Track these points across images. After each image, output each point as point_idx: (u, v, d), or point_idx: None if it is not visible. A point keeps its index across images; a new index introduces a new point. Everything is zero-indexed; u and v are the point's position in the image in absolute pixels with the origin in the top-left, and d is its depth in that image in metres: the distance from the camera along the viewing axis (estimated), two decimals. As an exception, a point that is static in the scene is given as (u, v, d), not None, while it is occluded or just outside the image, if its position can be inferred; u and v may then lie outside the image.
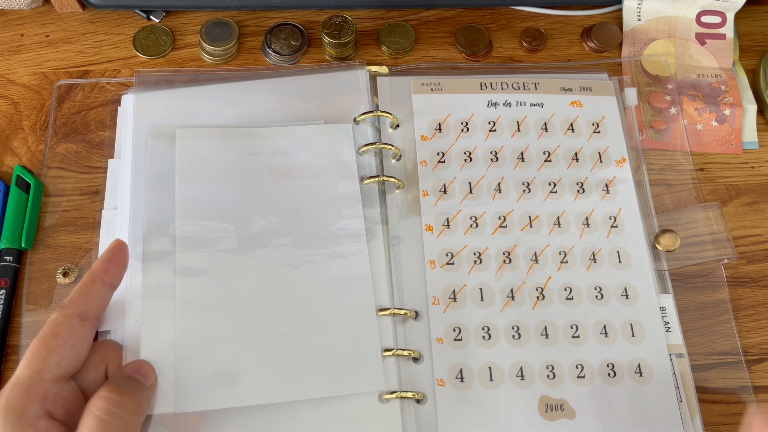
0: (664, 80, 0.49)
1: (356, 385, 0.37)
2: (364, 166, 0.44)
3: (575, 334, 0.40)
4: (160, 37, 0.50)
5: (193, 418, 0.36)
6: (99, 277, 0.35)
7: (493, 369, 0.39)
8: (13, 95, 0.47)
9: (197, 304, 0.38)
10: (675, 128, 0.48)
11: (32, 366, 0.32)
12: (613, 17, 0.53)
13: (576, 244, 0.42)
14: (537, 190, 0.44)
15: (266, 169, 0.42)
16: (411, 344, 0.39)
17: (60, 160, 0.45)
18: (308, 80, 0.46)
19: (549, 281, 0.41)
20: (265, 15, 0.52)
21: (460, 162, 0.45)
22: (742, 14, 0.52)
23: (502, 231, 0.43)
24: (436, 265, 0.41)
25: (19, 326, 0.40)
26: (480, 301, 0.41)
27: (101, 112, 0.46)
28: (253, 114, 0.45)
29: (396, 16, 0.52)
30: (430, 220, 0.43)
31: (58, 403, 0.32)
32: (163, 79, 0.46)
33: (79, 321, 0.34)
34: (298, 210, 0.41)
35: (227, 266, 0.39)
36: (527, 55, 0.51)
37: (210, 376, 0.36)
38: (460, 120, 0.46)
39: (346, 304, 0.39)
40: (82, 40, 0.50)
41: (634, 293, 0.41)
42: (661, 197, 0.45)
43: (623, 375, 0.39)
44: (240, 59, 0.50)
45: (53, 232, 0.43)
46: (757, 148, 0.48)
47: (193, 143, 0.42)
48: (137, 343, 0.36)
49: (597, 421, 0.38)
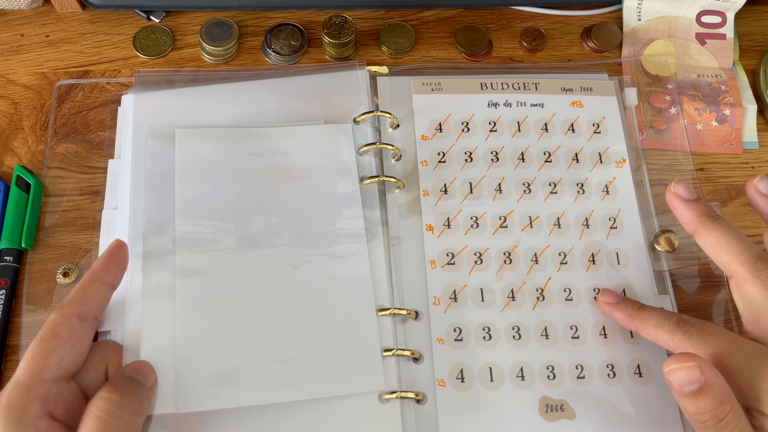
0: (664, 80, 0.49)
1: (356, 385, 0.37)
2: (364, 166, 0.44)
3: (575, 335, 0.40)
4: (160, 37, 0.50)
5: (193, 419, 0.36)
6: (99, 277, 0.35)
7: (494, 369, 0.39)
8: (13, 95, 0.47)
9: (197, 304, 0.38)
10: (675, 128, 0.48)
11: (32, 366, 0.32)
12: (613, 17, 0.53)
13: (576, 245, 0.42)
14: (537, 191, 0.44)
15: (266, 169, 0.42)
16: (411, 344, 0.39)
17: (60, 160, 0.45)
18: (308, 80, 0.46)
19: (549, 282, 0.41)
20: (265, 15, 0.52)
21: (461, 162, 0.45)
22: (742, 14, 0.52)
23: (503, 231, 0.43)
24: (436, 265, 0.41)
25: (19, 326, 0.40)
26: (480, 301, 0.41)
27: (101, 112, 0.46)
28: (253, 114, 0.45)
29: (396, 16, 0.52)
30: (431, 220, 0.43)
31: (59, 404, 0.32)
32: (163, 79, 0.46)
33: (78, 321, 0.34)
34: (298, 210, 0.41)
35: (227, 266, 0.39)
36: (527, 55, 0.51)
37: (210, 377, 0.36)
38: (461, 120, 0.46)
39: (347, 304, 0.39)
40: (82, 40, 0.50)
41: (633, 294, 0.41)
42: (661, 197, 0.45)
43: (623, 375, 0.39)
44: (240, 59, 0.50)
45: (53, 232, 0.43)
46: (757, 148, 0.48)
47: (192, 143, 0.42)
48: (137, 344, 0.36)
49: (597, 421, 0.38)
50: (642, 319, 0.37)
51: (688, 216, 0.36)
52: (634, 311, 0.37)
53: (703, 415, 0.30)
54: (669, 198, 0.37)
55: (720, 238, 0.35)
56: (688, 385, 0.30)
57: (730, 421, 0.30)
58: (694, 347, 0.33)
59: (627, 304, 0.38)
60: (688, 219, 0.36)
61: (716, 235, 0.35)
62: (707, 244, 0.36)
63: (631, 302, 0.39)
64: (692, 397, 0.30)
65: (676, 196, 0.37)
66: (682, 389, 0.30)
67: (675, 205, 0.37)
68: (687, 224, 0.37)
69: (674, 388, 0.30)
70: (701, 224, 0.36)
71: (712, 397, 0.30)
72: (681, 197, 0.37)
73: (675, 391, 0.30)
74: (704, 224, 0.36)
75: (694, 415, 0.30)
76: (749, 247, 0.34)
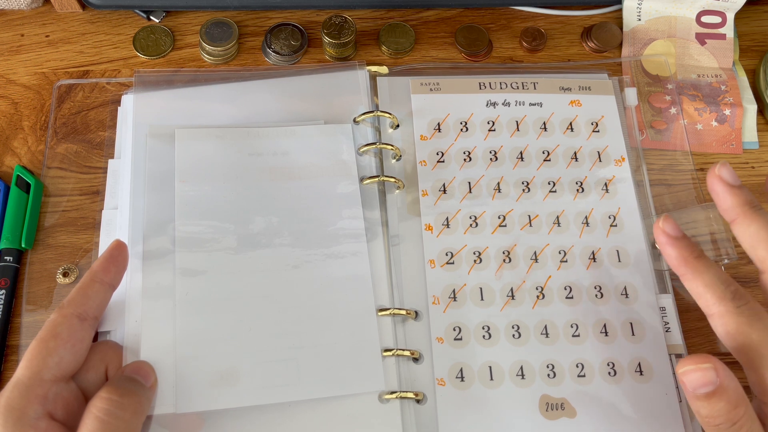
0: (664, 80, 0.49)
1: (356, 385, 0.37)
2: (364, 166, 0.44)
3: (575, 333, 0.40)
4: (160, 37, 0.50)
5: (193, 419, 0.36)
6: (98, 277, 0.35)
7: (494, 368, 0.39)
8: (13, 95, 0.47)
9: (197, 304, 0.38)
10: (675, 128, 0.48)
11: (32, 367, 0.32)
12: (613, 17, 0.53)
13: (575, 244, 0.42)
14: (536, 190, 0.44)
15: (266, 169, 0.42)
16: (411, 344, 0.39)
17: (60, 160, 0.45)
18: (308, 80, 0.46)
19: (549, 280, 0.41)
20: (265, 15, 0.52)
21: (460, 162, 0.45)
22: (742, 14, 0.52)
23: (502, 230, 0.43)
24: (436, 265, 0.41)
25: (19, 326, 0.40)
26: (480, 300, 0.41)
27: (101, 112, 0.46)
28: (253, 114, 0.45)
29: (396, 16, 0.52)
30: (430, 220, 0.43)
31: (59, 404, 0.32)
32: (163, 79, 0.46)
33: (78, 321, 0.34)
34: (298, 210, 0.41)
35: (227, 266, 0.39)
36: (527, 55, 0.51)
37: (210, 377, 0.36)
38: (460, 120, 0.46)
39: (346, 304, 0.39)
40: (82, 40, 0.50)
41: (634, 292, 0.41)
42: (661, 197, 0.45)
43: (623, 374, 0.39)
44: (240, 59, 0.50)
45: (53, 232, 0.43)
46: (757, 148, 0.48)
47: (192, 143, 0.42)
48: (137, 344, 0.36)
49: (597, 420, 0.38)
50: (696, 269, 0.33)
51: (730, 202, 0.33)
52: (692, 257, 0.33)
53: (716, 419, 0.29)
54: (711, 181, 0.34)
55: (760, 231, 0.32)
56: (703, 387, 0.29)
57: (743, 424, 0.29)
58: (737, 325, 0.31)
59: (687, 246, 0.34)
60: (729, 206, 0.33)
61: (757, 226, 0.32)
62: (746, 235, 0.33)
63: (692, 245, 0.34)
64: (706, 400, 0.29)
65: (719, 179, 0.34)
66: (696, 391, 0.29)
67: (717, 190, 0.34)
68: (727, 211, 0.34)
69: (687, 390, 0.29)
70: (743, 213, 0.33)
71: (726, 400, 0.29)
72: (725, 181, 0.34)
73: (688, 393, 0.29)
74: (746, 213, 0.33)
75: (707, 418, 0.29)
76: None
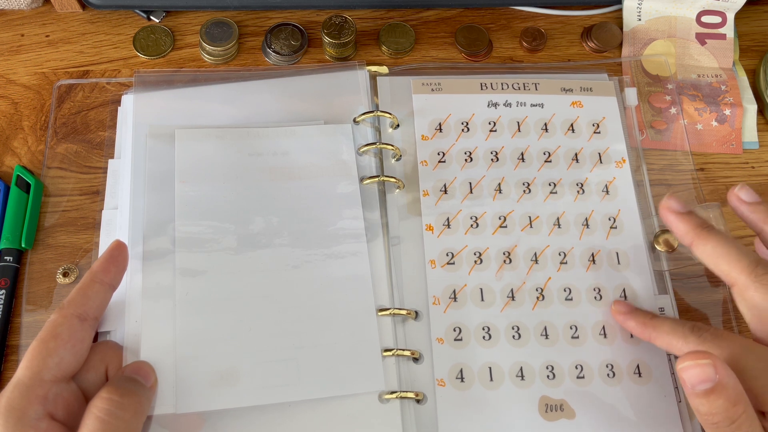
0: (664, 80, 0.49)
1: (356, 385, 0.37)
2: (364, 166, 0.44)
3: (575, 335, 0.40)
4: (160, 37, 0.50)
5: (193, 419, 0.36)
6: (98, 277, 0.35)
7: (494, 369, 0.39)
8: (13, 95, 0.47)
9: (197, 305, 0.38)
10: (675, 128, 0.48)
11: (32, 367, 0.32)
12: (613, 17, 0.53)
13: (576, 245, 0.42)
14: (537, 191, 0.44)
15: (266, 169, 0.42)
16: (411, 344, 0.39)
17: (60, 160, 0.45)
18: (308, 80, 0.46)
19: (549, 282, 0.41)
20: (265, 15, 0.52)
21: (461, 162, 0.45)
22: (742, 14, 0.52)
23: (503, 231, 0.43)
24: (436, 265, 0.41)
25: (19, 326, 0.40)
26: (480, 301, 0.41)
27: (101, 112, 0.46)
28: (253, 114, 0.45)
29: (396, 16, 0.52)
30: (431, 220, 0.43)
31: (59, 404, 0.32)
32: (163, 79, 0.46)
33: (78, 322, 0.34)
34: (298, 210, 0.41)
35: (227, 266, 0.39)
36: (527, 55, 0.51)
37: (210, 377, 0.36)
38: (461, 120, 0.46)
39: (346, 304, 0.39)
40: (82, 40, 0.50)
41: (633, 294, 0.41)
42: (661, 197, 0.45)
43: (622, 375, 0.39)
44: (240, 59, 0.50)
45: (53, 232, 0.43)
46: (758, 148, 0.48)
47: (192, 143, 0.42)
48: (137, 344, 0.36)
49: (597, 421, 0.38)
50: (655, 326, 0.36)
51: (683, 229, 0.37)
52: (648, 320, 0.38)
53: (715, 416, 0.29)
54: (663, 213, 0.38)
55: (716, 248, 0.35)
56: (702, 383, 0.29)
57: (743, 423, 0.29)
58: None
59: (640, 314, 0.39)
60: (683, 231, 0.37)
61: (712, 244, 0.35)
62: (705, 255, 0.36)
63: (644, 312, 0.39)
64: (705, 397, 0.29)
65: (669, 210, 0.37)
66: (695, 388, 0.29)
67: (669, 219, 0.38)
68: (682, 237, 0.37)
69: (687, 387, 0.30)
70: (696, 235, 0.36)
71: (725, 398, 0.29)
72: (674, 211, 0.37)
73: (687, 390, 0.30)
74: (699, 235, 0.36)
75: (706, 415, 0.30)
76: (746, 253, 0.34)
